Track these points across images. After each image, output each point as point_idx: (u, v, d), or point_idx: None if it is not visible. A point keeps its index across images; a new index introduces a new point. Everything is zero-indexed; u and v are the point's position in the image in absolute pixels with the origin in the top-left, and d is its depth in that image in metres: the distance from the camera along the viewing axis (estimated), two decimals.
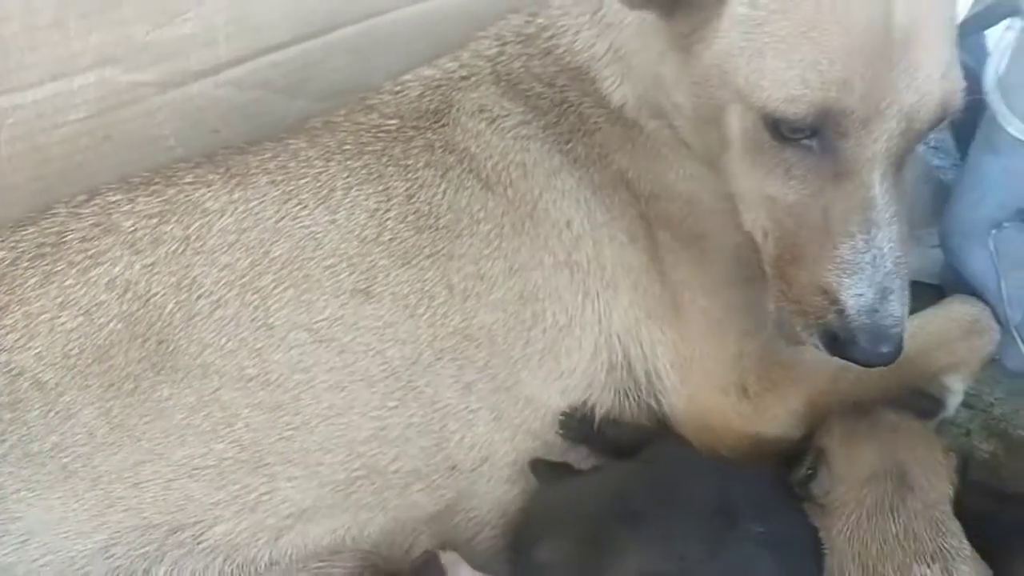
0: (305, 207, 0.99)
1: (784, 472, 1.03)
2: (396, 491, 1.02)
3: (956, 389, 1.25)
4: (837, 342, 0.96)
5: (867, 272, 0.93)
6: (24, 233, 0.98)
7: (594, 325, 1.08)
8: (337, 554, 1.02)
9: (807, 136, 0.92)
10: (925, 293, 1.30)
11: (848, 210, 0.93)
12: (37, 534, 0.87)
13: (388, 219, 1.01)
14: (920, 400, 1.27)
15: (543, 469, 1.10)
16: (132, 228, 0.96)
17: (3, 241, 0.97)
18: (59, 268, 0.94)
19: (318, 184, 1.01)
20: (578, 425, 1.12)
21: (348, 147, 1.06)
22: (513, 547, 1.05)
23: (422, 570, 0.95)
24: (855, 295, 0.93)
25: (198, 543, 0.92)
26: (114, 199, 1.00)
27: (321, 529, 0.99)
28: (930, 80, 0.89)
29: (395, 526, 1.03)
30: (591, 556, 0.93)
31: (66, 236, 0.96)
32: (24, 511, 0.87)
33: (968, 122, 1.28)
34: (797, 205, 0.96)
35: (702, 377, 1.10)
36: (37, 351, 0.90)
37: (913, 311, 1.10)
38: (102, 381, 0.90)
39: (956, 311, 1.23)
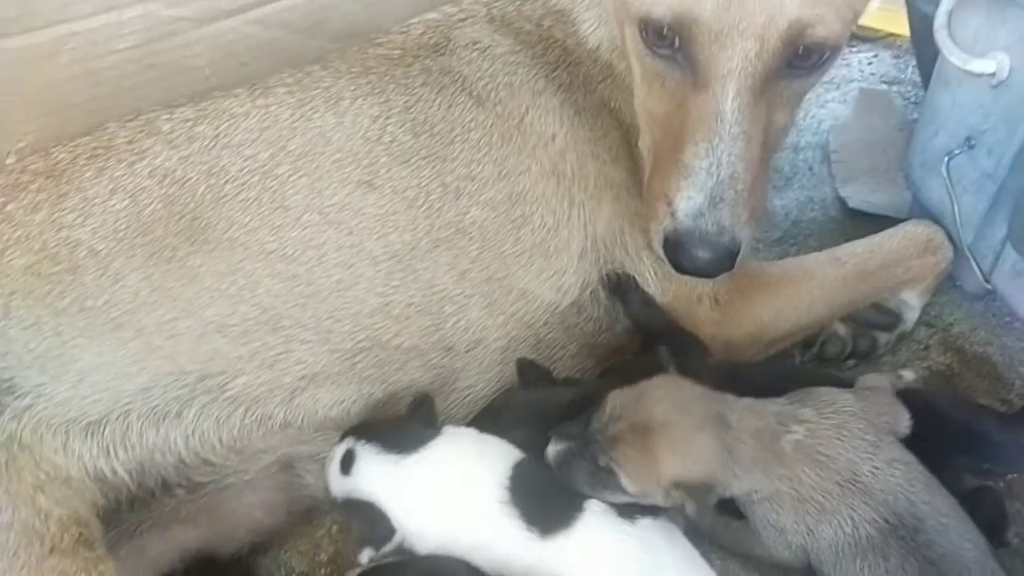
0: (317, 111, 1.15)
1: None
2: (396, 366, 1.15)
3: (913, 304, 1.37)
4: (668, 247, 1.04)
5: (701, 178, 1.00)
6: (81, 140, 1.15)
7: (580, 230, 1.21)
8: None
9: (671, 47, 1.02)
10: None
11: (698, 120, 1.01)
12: (89, 374, 1.03)
13: (388, 124, 1.16)
14: (879, 314, 1.39)
15: (527, 369, 1.22)
16: (170, 130, 1.13)
17: (63, 146, 1.15)
18: (109, 164, 1.11)
19: (328, 94, 1.17)
20: (620, 282, 1.22)
21: (355, 69, 1.21)
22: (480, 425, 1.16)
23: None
24: (686, 198, 1.01)
25: (223, 392, 1.07)
26: (155, 113, 1.17)
27: (329, 397, 1.13)
28: (782, 2, 0.96)
29: (395, 403, 1.17)
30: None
31: (115, 140, 1.13)
32: (79, 355, 1.02)
33: (931, 64, 1.39)
34: (665, 116, 1.06)
35: (679, 286, 1.23)
36: (92, 227, 1.06)
37: None
38: (145, 251, 1.06)
39: (912, 231, 1.34)
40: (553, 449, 1.04)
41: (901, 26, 1.74)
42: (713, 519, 1.07)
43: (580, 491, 1.03)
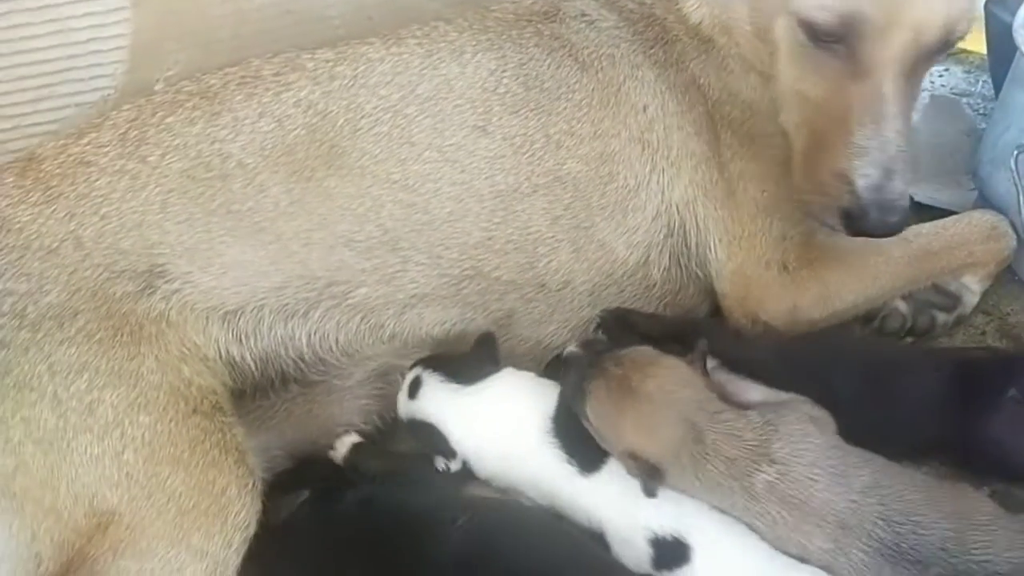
0: (443, 61, 1.28)
1: None
2: (496, 295, 1.28)
3: (974, 288, 1.46)
4: (851, 219, 1.17)
5: (875, 156, 1.13)
6: (229, 70, 1.28)
7: (657, 194, 1.33)
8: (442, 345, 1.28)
9: (835, 41, 1.14)
10: None
11: (863, 104, 1.13)
12: (232, 269, 1.16)
13: (504, 77, 1.29)
14: (940, 295, 1.47)
15: (609, 320, 1.32)
16: (314, 67, 1.26)
17: (213, 74, 1.28)
18: (258, 91, 1.24)
19: (452, 47, 1.30)
20: (614, 321, 1.31)
21: (476, 27, 1.34)
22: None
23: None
24: (864, 175, 1.13)
25: (345, 299, 1.20)
26: (296, 53, 1.30)
27: (434, 317, 1.26)
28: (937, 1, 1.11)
29: (495, 330, 1.28)
30: None
31: (262, 71, 1.26)
32: (224, 251, 1.16)
33: (1005, 73, 1.49)
34: (823, 101, 1.18)
35: (748, 253, 1.33)
36: (241, 144, 1.19)
37: None
38: (287, 169, 1.19)
39: (978, 218, 1.44)
40: (570, 349, 1.15)
41: (973, 43, 1.83)
42: None
43: (565, 397, 1.12)
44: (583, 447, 1.12)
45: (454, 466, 1.17)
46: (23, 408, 1.01)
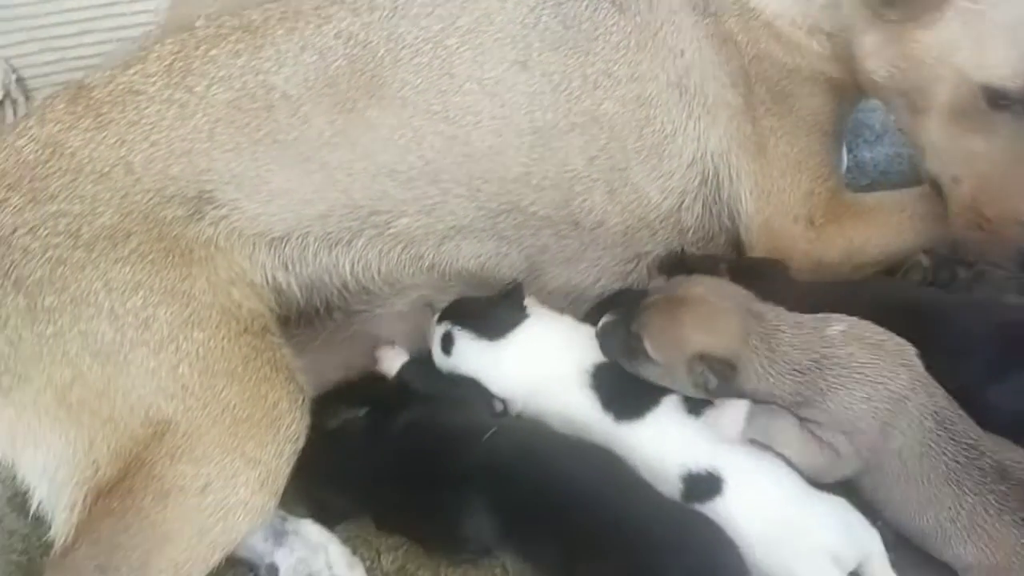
0: None
1: None
2: (531, 231, 1.31)
3: None
4: None
5: None
6: (270, 5, 1.29)
7: (693, 140, 1.34)
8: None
9: (1019, 102, 1.15)
10: None
11: None
12: (278, 197, 1.18)
13: (543, 15, 1.30)
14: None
15: (667, 261, 1.34)
16: (353, 1, 1.27)
17: (254, 9, 1.29)
18: (299, 25, 1.25)
19: None
20: (671, 262, 1.34)
21: None
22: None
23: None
24: None
25: (387, 228, 1.23)
26: None
27: (471, 250, 1.29)
28: None
29: (528, 266, 1.32)
30: None
31: (302, 6, 1.28)
32: (270, 179, 1.18)
33: None
34: (998, 156, 1.19)
35: (777, 207, 1.35)
36: (284, 75, 1.21)
37: None
38: (330, 100, 1.21)
39: None
40: (602, 320, 1.16)
41: None
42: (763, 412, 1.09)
43: (618, 360, 1.13)
44: (622, 398, 1.15)
45: (499, 407, 1.22)
46: (81, 322, 1.04)
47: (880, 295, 1.29)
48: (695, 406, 1.12)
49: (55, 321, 1.05)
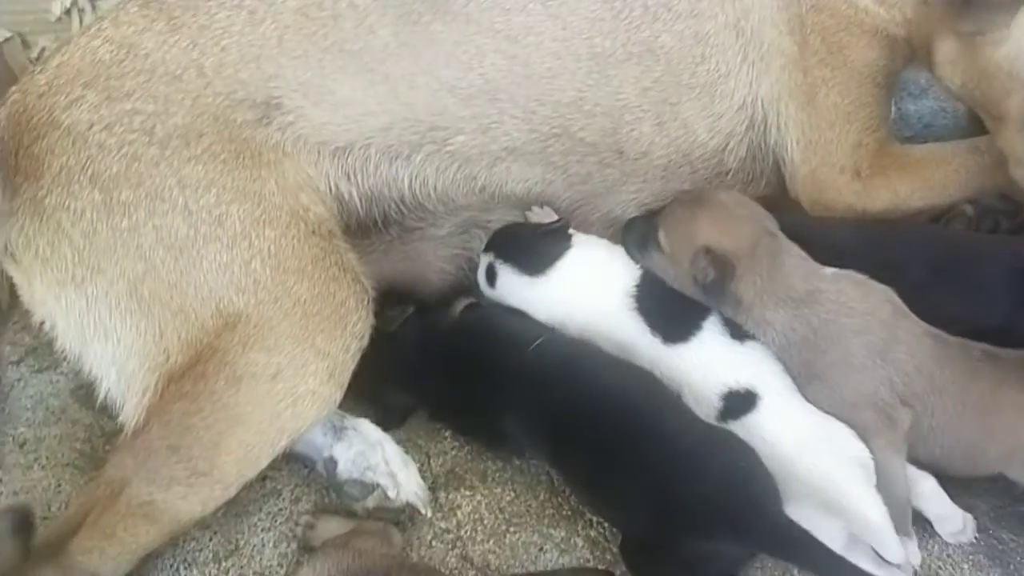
0: None
1: None
2: (577, 157, 1.33)
3: None
4: None
5: None
6: None
7: (746, 84, 1.35)
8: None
9: None
10: None
11: None
12: (342, 107, 1.21)
13: None
14: (1005, 202, 1.46)
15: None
16: None
17: None
18: None
19: None
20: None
21: None
22: None
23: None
24: None
25: (445, 144, 1.25)
26: None
27: (520, 173, 1.31)
28: None
29: (570, 195, 1.34)
30: None
31: None
32: (336, 88, 1.20)
33: None
34: None
35: (823, 158, 1.36)
36: None
37: None
38: (396, 12, 1.22)
39: None
40: (631, 217, 1.24)
41: None
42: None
43: (627, 250, 1.22)
44: (666, 320, 1.19)
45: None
46: (155, 217, 1.07)
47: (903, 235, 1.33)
48: (735, 330, 1.16)
49: (130, 215, 1.08)
